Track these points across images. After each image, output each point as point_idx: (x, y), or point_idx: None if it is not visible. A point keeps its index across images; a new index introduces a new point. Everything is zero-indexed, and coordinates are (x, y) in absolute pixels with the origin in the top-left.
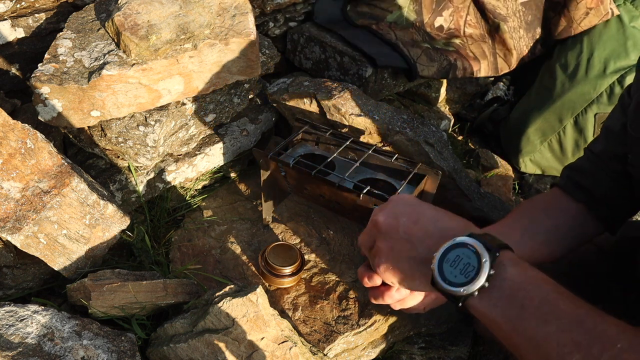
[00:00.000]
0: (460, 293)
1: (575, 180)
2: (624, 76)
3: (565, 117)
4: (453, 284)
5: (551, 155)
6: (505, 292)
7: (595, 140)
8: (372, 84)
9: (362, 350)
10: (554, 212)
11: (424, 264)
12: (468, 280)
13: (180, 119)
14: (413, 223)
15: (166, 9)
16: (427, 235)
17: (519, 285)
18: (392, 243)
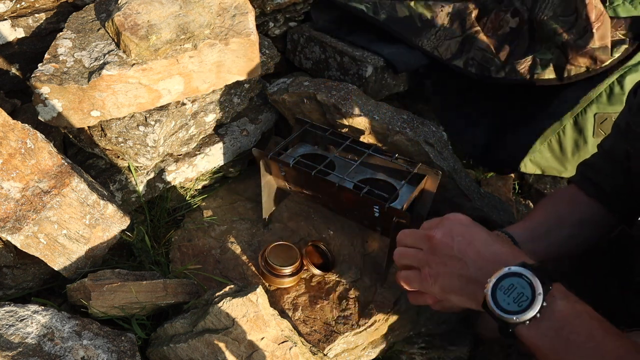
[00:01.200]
0: (512, 320)
1: (588, 176)
2: (623, 76)
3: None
4: (506, 311)
5: (551, 155)
6: (554, 324)
7: (607, 138)
8: (372, 84)
9: (362, 350)
10: (576, 206)
11: (473, 283)
12: (521, 309)
13: (180, 119)
14: (467, 244)
15: (166, 9)
16: (479, 257)
17: (567, 318)
18: (446, 260)
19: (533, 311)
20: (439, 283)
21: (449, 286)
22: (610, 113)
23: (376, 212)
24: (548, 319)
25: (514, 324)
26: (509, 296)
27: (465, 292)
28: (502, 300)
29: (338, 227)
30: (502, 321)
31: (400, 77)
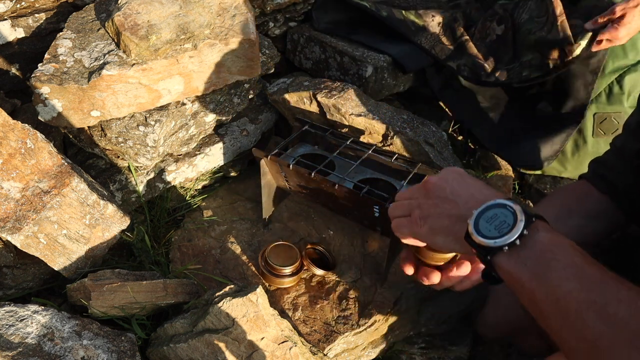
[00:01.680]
0: (490, 244)
1: (600, 172)
2: (622, 76)
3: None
4: (486, 237)
5: None
6: (534, 252)
7: (618, 136)
8: (372, 84)
9: (362, 350)
10: (586, 200)
11: (462, 222)
12: (501, 234)
13: (180, 119)
14: (461, 187)
15: (166, 9)
16: (471, 198)
17: (548, 246)
18: (438, 201)
19: (512, 236)
20: (428, 224)
21: (437, 226)
22: (609, 113)
23: (376, 212)
24: (529, 248)
25: (493, 250)
26: (491, 224)
27: (453, 231)
28: (483, 228)
29: (338, 227)
30: (481, 247)
31: (401, 77)
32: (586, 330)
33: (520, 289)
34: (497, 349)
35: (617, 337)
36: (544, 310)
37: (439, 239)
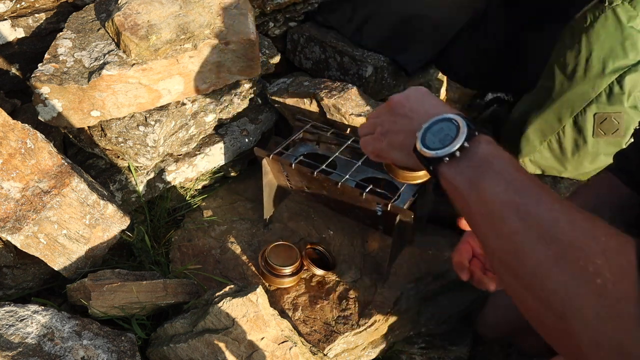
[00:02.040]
0: (432, 155)
1: (622, 165)
2: (622, 76)
3: (564, 117)
4: (429, 148)
5: (551, 155)
6: (472, 162)
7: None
8: (372, 84)
9: (362, 350)
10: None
11: (414, 136)
12: (443, 146)
13: (180, 119)
14: (419, 104)
15: (166, 9)
16: (425, 114)
17: (486, 158)
18: (397, 118)
19: (453, 147)
20: (387, 139)
21: (394, 141)
22: (609, 113)
23: (379, 211)
24: (467, 159)
25: (435, 160)
26: (436, 137)
27: (406, 145)
28: (429, 141)
29: (338, 227)
30: (424, 158)
31: (401, 77)
32: (504, 227)
33: (458, 197)
34: (497, 349)
35: (529, 231)
36: (474, 215)
37: (396, 153)
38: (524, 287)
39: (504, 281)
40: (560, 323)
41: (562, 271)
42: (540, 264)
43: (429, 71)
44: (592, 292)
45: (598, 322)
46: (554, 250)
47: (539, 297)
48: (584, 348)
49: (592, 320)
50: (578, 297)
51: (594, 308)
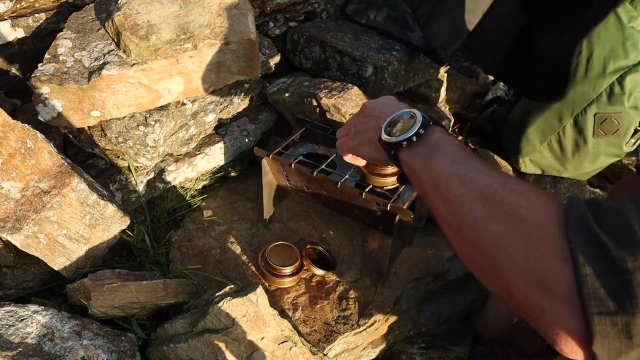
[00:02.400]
0: (392, 140)
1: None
2: (623, 76)
3: (564, 117)
4: (391, 136)
5: (551, 155)
6: (426, 146)
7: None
8: (372, 84)
9: (362, 350)
10: None
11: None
12: (402, 133)
13: (180, 119)
14: (386, 106)
15: (166, 9)
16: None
17: (438, 142)
18: (368, 119)
19: (409, 133)
20: (358, 137)
21: (364, 138)
22: (610, 113)
23: (378, 211)
24: (423, 144)
25: (396, 145)
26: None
27: (373, 140)
28: (391, 131)
29: (338, 227)
30: (387, 143)
31: (401, 77)
32: (449, 193)
33: (414, 176)
34: (497, 349)
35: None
36: (427, 188)
37: (365, 148)
38: (465, 240)
39: (449, 238)
40: (494, 266)
41: (495, 222)
42: (477, 219)
43: (429, 71)
44: (519, 237)
45: (524, 261)
46: (488, 207)
47: (477, 246)
48: (513, 284)
49: (519, 259)
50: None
51: (521, 250)
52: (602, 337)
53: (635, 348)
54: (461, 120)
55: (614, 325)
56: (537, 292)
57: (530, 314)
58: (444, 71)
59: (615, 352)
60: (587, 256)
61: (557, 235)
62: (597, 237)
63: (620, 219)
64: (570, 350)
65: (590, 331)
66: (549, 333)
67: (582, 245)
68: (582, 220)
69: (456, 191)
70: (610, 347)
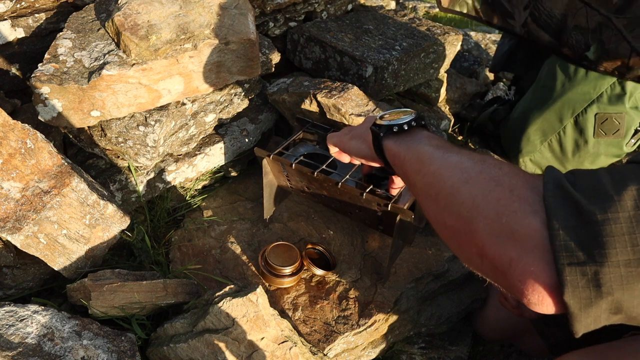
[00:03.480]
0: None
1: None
2: None
3: (565, 117)
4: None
5: (551, 155)
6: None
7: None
8: (372, 84)
9: (362, 350)
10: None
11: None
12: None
13: (180, 119)
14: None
15: (166, 9)
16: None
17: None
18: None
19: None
20: (351, 133)
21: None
22: (610, 113)
23: (379, 211)
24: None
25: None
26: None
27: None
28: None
29: (338, 227)
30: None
31: (401, 77)
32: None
33: (398, 161)
34: (497, 349)
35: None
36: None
37: (354, 142)
38: (442, 208)
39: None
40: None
41: (470, 187)
42: (454, 185)
43: (429, 71)
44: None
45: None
46: (466, 175)
47: (453, 211)
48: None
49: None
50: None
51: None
52: (572, 287)
53: (604, 297)
54: (461, 120)
55: (584, 275)
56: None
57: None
58: (443, 71)
59: (586, 301)
60: (559, 211)
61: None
62: (569, 194)
63: (591, 179)
64: (537, 299)
65: (562, 282)
66: (517, 284)
67: (555, 202)
68: (556, 181)
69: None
70: (581, 296)
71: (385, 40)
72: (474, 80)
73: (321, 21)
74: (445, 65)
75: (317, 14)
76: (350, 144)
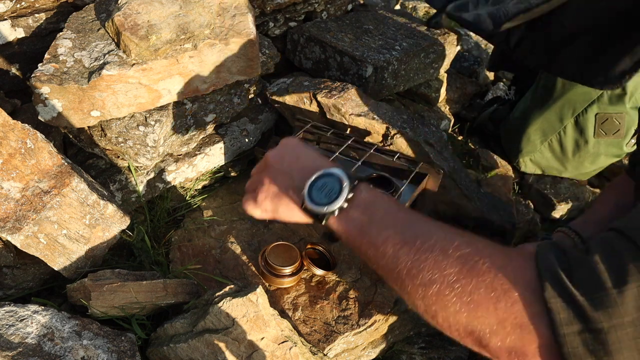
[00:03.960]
0: (323, 211)
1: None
2: None
3: (565, 117)
4: (319, 204)
5: (551, 155)
6: (359, 209)
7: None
8: (372, 84)
9: (362, 350)
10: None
11: (298, 193)
12: (330, 201)
13: (180, 119)
14: (295, 159)
15: (166, 9)
16: (304, 169)
17: (370, 204)
18: (276, 175)
19: (340, 201)
20: (269, 198)
21: (278, 200)
22: (611, 113)
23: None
24: (355, 207)
25: (325, 215)
26: (322, 192)
27: (292, 202)
28: (316, 197)
29: None
30: (315, 213)
31: (401, 77)
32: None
33: (352, 242)
34: None
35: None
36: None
37: (282, 210)
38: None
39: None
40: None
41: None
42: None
43: (429, 71)
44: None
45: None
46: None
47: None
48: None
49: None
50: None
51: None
52: None
53: None
54: (461, 120)
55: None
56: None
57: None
58: (443, 71)
59: None
60: (564, 316)
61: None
62: (572, 296)
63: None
64: None
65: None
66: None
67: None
68: (554, 278)
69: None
70: None
71: (385, 40)
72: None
73: (321, 21)
74: (445, 65)
75: (317, 14)
76: (279, 213)
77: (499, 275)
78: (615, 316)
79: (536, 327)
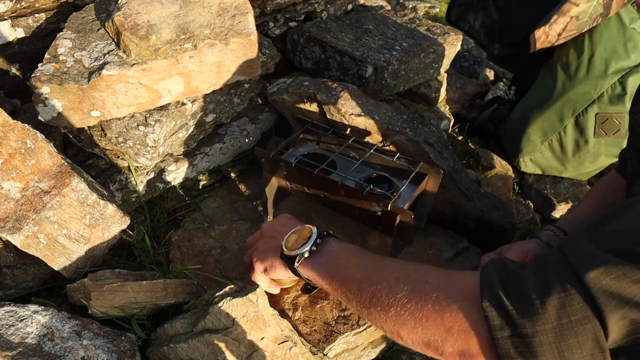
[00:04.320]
0: (294, 254)
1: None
2: (625, 77)
3: (566, 117)
4: (292, 250)
5: (551, 155)
6: (326, 254)
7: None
8: (372, 84)
9: (362, 350)
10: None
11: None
12: (300, 246)
13: (180, 119)
14: (282, 226)
15: (166, 9)
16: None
17: (336, 250)
18: (267, 240)
19: (307, 246)
20: (260, 259)
21: (267, 259)
22: (611, 113)
23: (379, 211)
24: (322, 253)
25: (297, 258)
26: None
27: (277, 262)
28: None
29: (338, 227)
30: (288, 257)
31: (401, 77)
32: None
33: (321, 282)
34: None
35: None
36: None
37: (275, 272)
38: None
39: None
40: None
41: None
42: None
43: (429, 71)
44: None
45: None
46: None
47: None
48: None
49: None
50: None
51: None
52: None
53: None
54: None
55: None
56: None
57: None
58: (443, 71)
59: None
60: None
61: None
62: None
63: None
64: None
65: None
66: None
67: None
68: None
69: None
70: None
71: (385, 40)
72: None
73: (321, 21)
74: (445, 65)
75: (317, 14)
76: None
77: (443, 292)
78: (538, 323)
79: (477, 332)
